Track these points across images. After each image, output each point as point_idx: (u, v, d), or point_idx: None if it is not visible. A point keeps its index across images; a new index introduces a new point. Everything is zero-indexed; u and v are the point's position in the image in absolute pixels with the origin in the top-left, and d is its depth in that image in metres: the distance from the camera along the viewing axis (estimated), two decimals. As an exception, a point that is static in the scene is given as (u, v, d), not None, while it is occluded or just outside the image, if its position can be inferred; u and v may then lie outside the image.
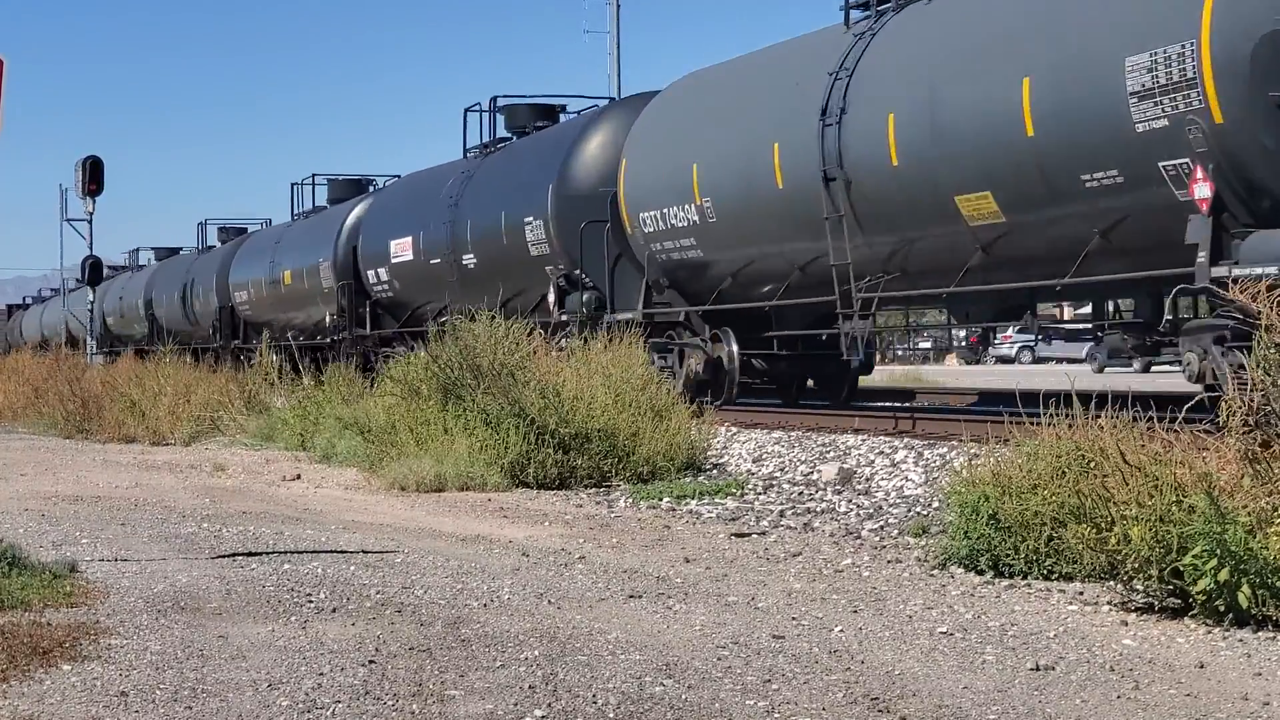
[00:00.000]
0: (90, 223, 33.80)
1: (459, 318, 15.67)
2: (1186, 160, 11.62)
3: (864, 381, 21.62)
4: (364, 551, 9.33)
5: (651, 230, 19.55)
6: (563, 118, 25.14)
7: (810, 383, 20.82)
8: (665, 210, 19.15)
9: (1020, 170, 13.26)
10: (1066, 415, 7.94)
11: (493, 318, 15.26)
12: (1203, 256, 11.47)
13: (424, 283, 26.61)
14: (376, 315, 29.45)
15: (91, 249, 34.76)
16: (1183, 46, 11.48)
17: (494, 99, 25.72)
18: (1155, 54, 11.70)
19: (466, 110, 26.32)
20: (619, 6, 43.00)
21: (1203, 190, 11.52)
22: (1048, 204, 13.17)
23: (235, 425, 20.38)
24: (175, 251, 55.96)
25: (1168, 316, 12.97)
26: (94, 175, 31.41)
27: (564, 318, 21.23)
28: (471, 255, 24.31)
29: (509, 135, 25.72)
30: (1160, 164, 11.84)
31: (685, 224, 18.76)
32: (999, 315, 16.18)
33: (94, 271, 34.76)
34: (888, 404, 20.70)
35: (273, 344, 27.12)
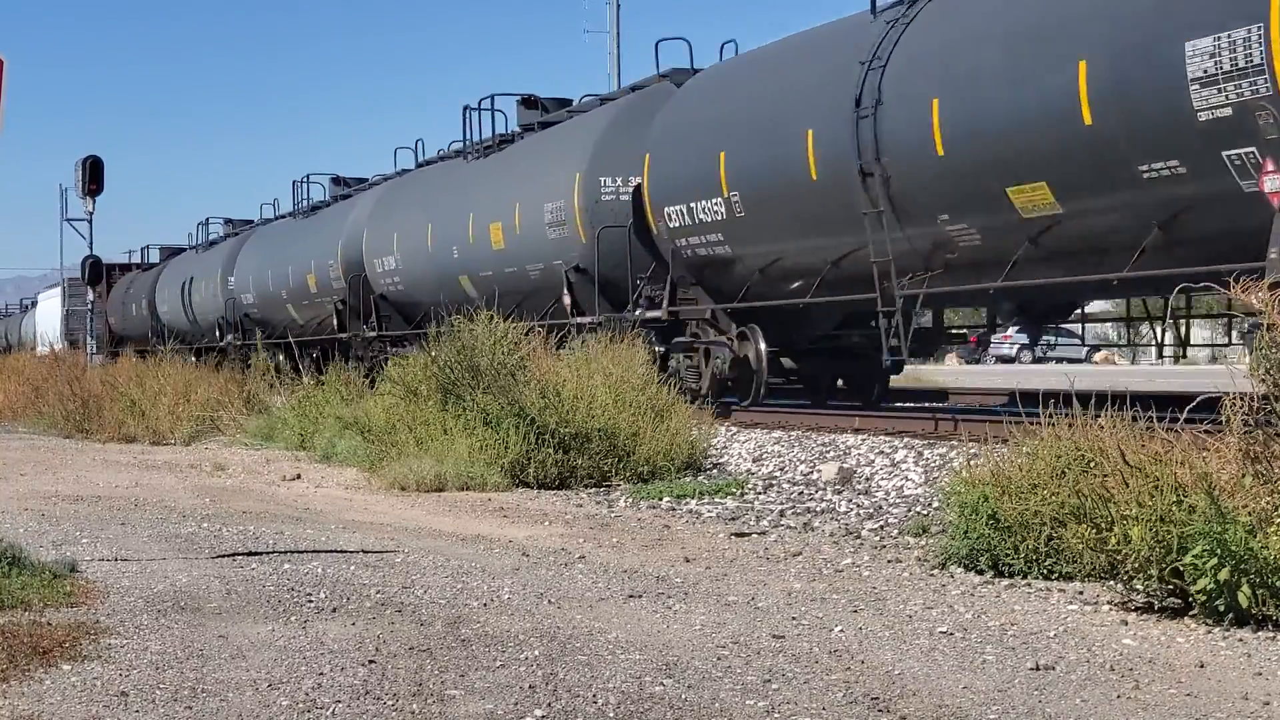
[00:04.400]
0: (90, 223, 33.79)
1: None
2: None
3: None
4: (364, 551, 9.33)
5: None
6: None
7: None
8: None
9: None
10: (1066, 415, 7.95)
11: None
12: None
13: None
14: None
15: (91, 249, 34.76)
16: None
17: None
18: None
19: None
20: (619, 6, 43.03)
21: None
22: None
23: (235, 425, 20.39)
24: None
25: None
26: (94, 175, 31.43)
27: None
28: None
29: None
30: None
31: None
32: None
33: (94, 271, 34.74)
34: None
35: None
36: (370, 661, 6.20)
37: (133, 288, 54.34)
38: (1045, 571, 7.83)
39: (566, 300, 20.88)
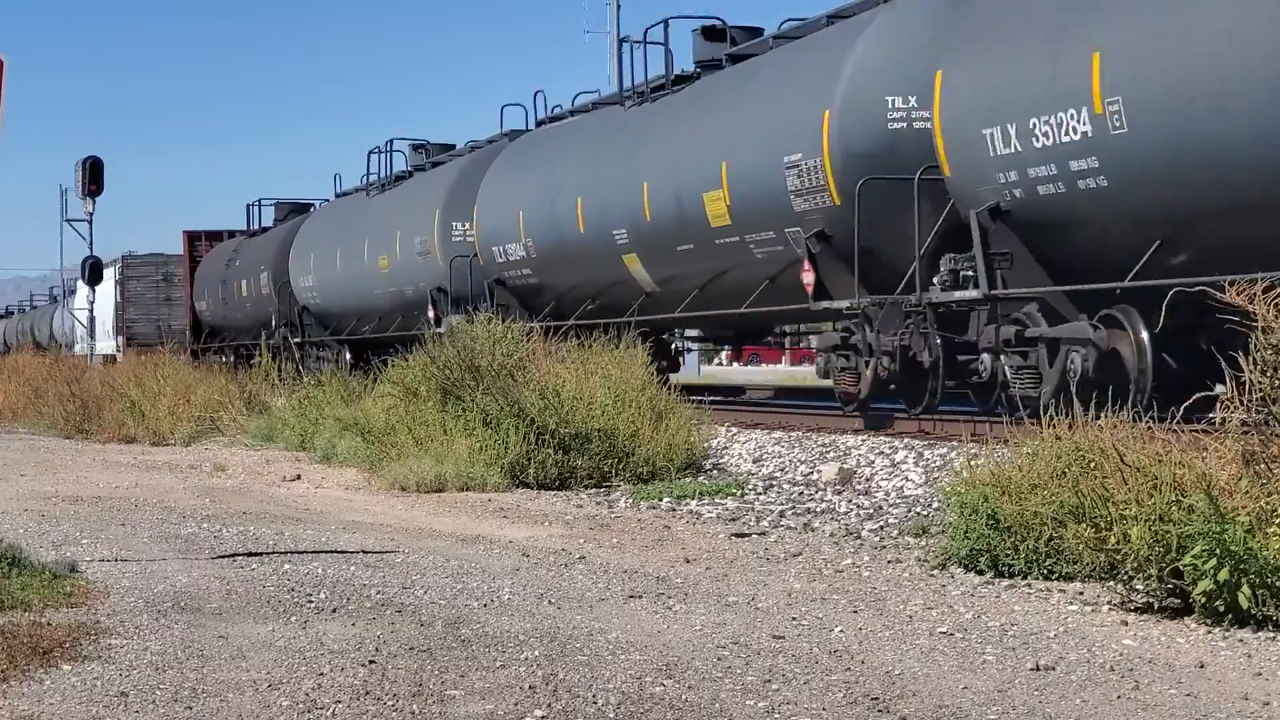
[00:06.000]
0: (90, 223, 33.79)
1: None
2: None
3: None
4: (364, 552, 9.33)
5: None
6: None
7: None
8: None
9: None
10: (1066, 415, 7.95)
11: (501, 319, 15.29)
12: None
13: None
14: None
15: (91, 249, 34.75)
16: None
17: None
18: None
19: None
20: (619, 6, 43.05)
21: None
22: None
23: (235, 425, 20.38)
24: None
25: None
26: (94, 175, 31.44)
27: None
28: None
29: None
30: None
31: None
32: None
33: (94, 271, 34.74)
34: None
35: None
36: (370, 662, 6.20)
37: (239, 259, 37.60)
38: (1045, 572, 7.83)
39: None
